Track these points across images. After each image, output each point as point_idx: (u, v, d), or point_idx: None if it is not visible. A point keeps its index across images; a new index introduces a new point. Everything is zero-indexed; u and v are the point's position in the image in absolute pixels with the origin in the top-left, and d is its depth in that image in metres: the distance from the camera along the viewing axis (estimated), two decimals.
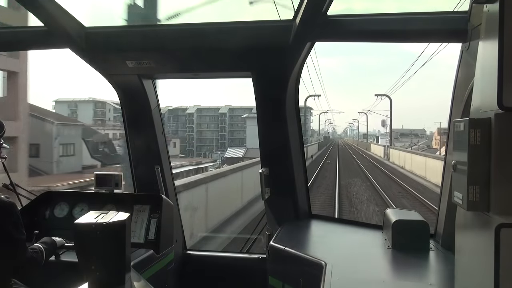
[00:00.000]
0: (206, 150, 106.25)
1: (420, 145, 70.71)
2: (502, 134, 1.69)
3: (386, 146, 57.04)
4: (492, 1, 1.80)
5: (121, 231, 2.52)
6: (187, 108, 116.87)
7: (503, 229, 1.59)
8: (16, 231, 2.74)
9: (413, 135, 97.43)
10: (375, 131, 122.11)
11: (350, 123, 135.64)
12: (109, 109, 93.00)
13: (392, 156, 48.97)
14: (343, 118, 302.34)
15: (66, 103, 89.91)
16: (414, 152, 42.31)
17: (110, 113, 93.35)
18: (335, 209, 19.09)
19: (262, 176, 4.03)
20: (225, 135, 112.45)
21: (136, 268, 3.27)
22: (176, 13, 4.21)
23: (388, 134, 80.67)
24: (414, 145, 68.69)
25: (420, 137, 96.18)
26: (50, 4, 3.40)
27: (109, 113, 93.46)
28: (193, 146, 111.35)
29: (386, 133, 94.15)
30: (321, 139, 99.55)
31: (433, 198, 18.65)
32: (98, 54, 3.74)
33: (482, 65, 1.94)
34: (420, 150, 51.41)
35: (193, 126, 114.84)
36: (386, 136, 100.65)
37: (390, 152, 51.14)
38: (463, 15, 2.94)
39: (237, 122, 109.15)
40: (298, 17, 3.27)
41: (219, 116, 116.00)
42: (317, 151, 66.54)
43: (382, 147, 60.87)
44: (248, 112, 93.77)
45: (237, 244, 10.75)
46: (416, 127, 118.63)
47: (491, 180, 1.71)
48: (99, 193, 3.86)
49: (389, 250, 3.32)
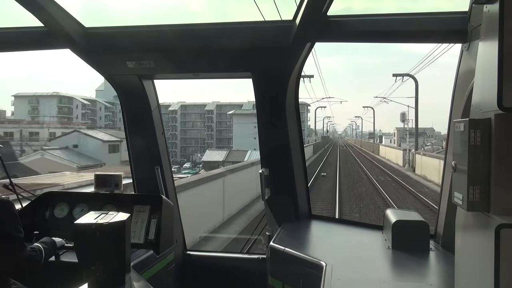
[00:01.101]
0: (191, 152, 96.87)
1: (434, 146, 52.87)
2: (502, 134, 1.69)
3: (408, 150, 39.90)
4: (492, 2, 1.80)
5: (121, 232, 2.52)
6: (170, 105, 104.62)
7: (503, 230, 1.59)
8: (14, 229, 2.73)
9: (421, 134, 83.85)
10: (377, 131, 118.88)
11: (352, 121, 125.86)
12: (77, 105, 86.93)
13: (420, 166, 32.61)
14: (343, 117, 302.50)
15: (26, 98, 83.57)
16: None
17: (78, 109, 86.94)
18: None
19: (262, 176, 4.03)
20: (212, 135, 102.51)
21: (136, 268, 3.27)
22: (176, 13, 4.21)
23: (397, 133, 68.30)
24: (427, 146, 53.82)
25: (429, 136, 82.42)
26: (50, 4, 3.40)
27: (77, 109, 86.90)
28: (176, 147, 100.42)
29: (392, 133, 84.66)
30: (318, 139, 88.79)
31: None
32: (98, 54, 3.74)
33: (482, 65, 1.94)
34: (434, 152, 36.42)
35: (177, 125, 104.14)
36: (391, 136, 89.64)
37: (417, 159, 34.30)
38: (463, 15, 2.94)
39: (225, 120, 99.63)
40: (298, 17, 3.27)
41: (206, 113, 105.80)
42: (312, 154, 53.37)
43: (400, 151, 43.50)
44: (238, 109, 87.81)
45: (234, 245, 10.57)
46: (422, 126, 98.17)
47: (491, 181, 1.71)
48: (99, 194, 3.86)
49: (389, 250, 3.32)
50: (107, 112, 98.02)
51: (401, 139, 59.76)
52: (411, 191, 24.02)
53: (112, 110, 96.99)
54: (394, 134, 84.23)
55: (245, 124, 71.84)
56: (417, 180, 29.48)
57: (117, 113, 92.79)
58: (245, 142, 67.40)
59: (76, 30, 3.60)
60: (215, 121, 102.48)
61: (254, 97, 3.88)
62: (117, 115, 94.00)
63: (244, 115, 76.84)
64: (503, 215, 1.65)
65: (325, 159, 49.09)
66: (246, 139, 66.89)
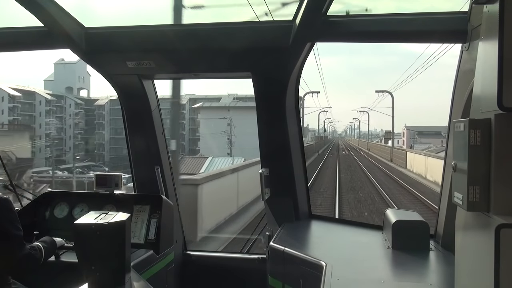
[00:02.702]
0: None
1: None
2: (502, 134, 1.69)
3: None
4: (492, 2, 1.80)
5: (121, 232, 2.52)
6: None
7: (503, 230, 1.59)
8: (13, 227, 2.73)
9: (435, 134, 69.07)
10: (376, 131, 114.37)
11: (355, 118, 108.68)
12: (40, 101, 75.26)
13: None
14: (343, 117, 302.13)
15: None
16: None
17: (41, 106, 75.28)
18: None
19: (262, 176, 4.03)
20: (183, 134, 77.78)
21: (136, 268, 3.27)
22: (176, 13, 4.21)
23: (406, 133, 50.56)
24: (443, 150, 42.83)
25: (444, 137, 71.69)
26: (50, 5, 3.40)
27: (40, 106, 75.12)
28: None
29: (400, 132, 65.09)
30: (311, 140, 71.40)
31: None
32: (98, 54, 3.74)
33: (482, 65, 1.94)
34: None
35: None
36: (399, 136, 69.69)
37: None
38: (463, 15, 2.94)
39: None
40: (298, 17, 3.27)
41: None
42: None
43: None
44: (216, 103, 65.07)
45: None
46: (431, 125, 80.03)
47: (491, 181, 1.71)
48: (99, 194, 3.86)
49: (389, 250, 3.32)
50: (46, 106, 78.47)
51: (411, 139, 46.28)
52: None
53: (57, 105, 79.20)
54: (403, 133, 69.01)
55: (215, 120, 50.89)
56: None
57: (67, 108, 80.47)
58: (214, 145, 49.26)
59: (76, 30, 3.60)
60: (187, 118, 78.96)
61: (254, 97, 3.89)
62: (65, 110, 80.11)
63: (215, 109, 58.00)
64: (503, 215, 1.65)
65: (317, 174, 30.43)
66: (216, 141, 48.83)
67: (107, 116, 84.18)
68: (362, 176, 31.69)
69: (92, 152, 79.35)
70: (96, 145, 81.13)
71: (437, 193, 14.54)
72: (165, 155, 4.34)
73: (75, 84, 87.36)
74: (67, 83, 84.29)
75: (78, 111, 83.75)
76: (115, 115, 79.66)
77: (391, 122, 45.66)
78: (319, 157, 47.73)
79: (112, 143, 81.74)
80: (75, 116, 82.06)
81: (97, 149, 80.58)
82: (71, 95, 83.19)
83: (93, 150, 79.92)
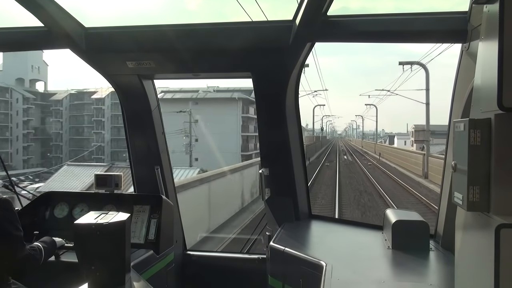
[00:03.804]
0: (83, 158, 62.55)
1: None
2: (502, 134, 1.69)
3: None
4: (492, 2, 1.80)
5: (121, 232, 2.52)
6: (97, 91, 76.57)
7: (503, 230, 1.59)
8: (13, 227, 2.73)
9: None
10: (379, 130, 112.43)
11: (357, 115, 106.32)
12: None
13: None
14: (343, 117, 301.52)
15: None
16: None
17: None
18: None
19: (262, 176, 4.03)
20: (102, 134, 72.86)
21: (136, 268, 3.27)
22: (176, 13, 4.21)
23: (415, 133, 38.82)
24: None
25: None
26: (50, 5, 3.40)
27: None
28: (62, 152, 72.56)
29: (409, 132, 57.42)
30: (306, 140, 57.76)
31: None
32: (98, 54, 3.74)
33: (482, 65, 1.94)
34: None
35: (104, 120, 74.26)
36: (407, 136, 63.10)
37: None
38: (463, 15, 2.94)
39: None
40: (298, 17, 3.27)
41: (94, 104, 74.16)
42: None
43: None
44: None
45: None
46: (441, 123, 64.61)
47: (491, 181, 1.71)
48: (99, 194, 3.86)
49: (389, 250, 3.32)
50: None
51: (425, 141, 34.45)
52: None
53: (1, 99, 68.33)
54: (412, 133, 56.49)
55: (171, 115, 37.05)
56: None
57: (13, 103, 68.97)
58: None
59: (76, 30, 3.60)
60: (105, 113, 73.52)
61: (254, 97, 3.89)
62: (11, 105, 68.79)
63: (177, 101, 45.93)
64: (503, 215, 1.65)
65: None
66: (171, 144, 28.45)
67: (66, 113, 77.80)
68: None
69: (45, 155, 70.04)
70: (52, 147, 72.00)
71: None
72: (165, 155, 4.34)
73: (27, 74, 75.39)
74: (18, 73, 72.68)
75: (27, 107, 72.56)
76: (74, 111, 74.71)
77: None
78: (313, 165, 34.82)
79: (71, 145, 72.93)
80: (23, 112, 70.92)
81: (54, 151, 71.86)
82: (19, 87, 71.67)
83: (48, 152, 70.80)
